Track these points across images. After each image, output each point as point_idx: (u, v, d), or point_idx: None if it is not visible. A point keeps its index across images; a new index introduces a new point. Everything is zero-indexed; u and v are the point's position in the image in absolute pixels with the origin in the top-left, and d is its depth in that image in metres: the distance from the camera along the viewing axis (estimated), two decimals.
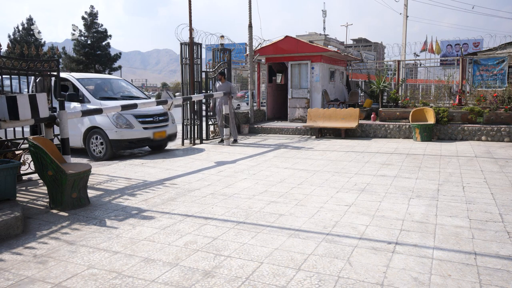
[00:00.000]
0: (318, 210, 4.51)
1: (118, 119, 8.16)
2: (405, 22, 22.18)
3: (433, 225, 3.98)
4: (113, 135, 8.10)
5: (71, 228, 4.05)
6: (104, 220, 4.28)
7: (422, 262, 3.15)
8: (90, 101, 8.21)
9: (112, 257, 3.33)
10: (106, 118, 8.12)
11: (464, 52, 22.34)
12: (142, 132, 8.39)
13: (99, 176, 6.41)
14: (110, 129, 8.11)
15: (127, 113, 8.19)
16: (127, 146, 8.30)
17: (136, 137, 8.31)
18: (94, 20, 37.05)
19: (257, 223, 4.11)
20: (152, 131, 8.55)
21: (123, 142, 8.18)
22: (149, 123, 8.55)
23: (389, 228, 3.92)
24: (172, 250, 3.45)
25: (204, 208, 4.67)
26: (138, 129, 8.34)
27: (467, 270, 3.01)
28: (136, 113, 8.30)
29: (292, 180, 5.95)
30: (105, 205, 4.82)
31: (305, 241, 3.60)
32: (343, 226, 3.99)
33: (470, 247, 3.43)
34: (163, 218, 4.31)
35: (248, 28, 13.17)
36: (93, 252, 3.44)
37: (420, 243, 3.54)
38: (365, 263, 3.14)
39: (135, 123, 8.31)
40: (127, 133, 8.19)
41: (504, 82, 11.87)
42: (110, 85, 9.68)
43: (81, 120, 8.29)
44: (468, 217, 4.20)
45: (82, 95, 8.35)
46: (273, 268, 3.07)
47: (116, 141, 8.12)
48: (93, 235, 3.84)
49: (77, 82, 8.64)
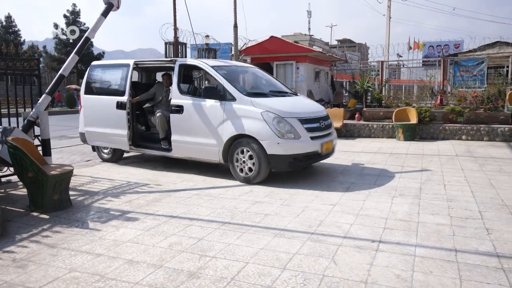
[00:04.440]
0: (303, 210, 4.53)
1: (280, 124, 5.60)
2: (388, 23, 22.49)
3: (415, 223, 4.04)
4: (274, 149, 5.54)
5: (52, 230, 3.97)
6: (86, 222, 4.21)
7: (404, 259, 3.19)
8: (235, 98, 5.84)
9: (94, 259, 3.28)
10: (261, 123, 5.61)
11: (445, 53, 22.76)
12: (310, 143, 5.76)
13: (82, 178, 6.31)
14: (269, 139, 5.54)
15: (290, 117, 5.72)
16: (291, 164, 5.67)
17: (303, 152, 5.68)
18: (76, 19, 36.48)
19: (242, 223, 4.10)
20: (320, 142, 5.87)
21: (286, 159, 5.59)
22: (316, 131, 5.94)
23: (373, 226, 3.97)
24: (157, 252, 3.42)
25: (189, 208, 4.64)
26: (305, 139, 5.70)
27: (448, 266, 3.06)
28: (301, 116, 5.86)
29: (276, 180, 5.96)
30: (87, 207, 4.75)
31: (290, 241, 3.61)
32: (328, 225, 4.02)
33: (451, 244, 3.49)
34: (148, 220, 4.27)
35: (233, 28, 13.16)
36: (75, 255, 3.38)
37: (403, 241, 3.59)
38: (350, 261, 3.17)
39: (302, 130, 5.69)
40: (292, 145, 5.60)
41: (484, 82, 12.15)
42: (249, 75, 7.39)
43: (221, 126, 5.93)
44: (449, 215, 4.28)
45: (222, 89, 5.98)
46: (258, 268, 3.07)
47: (277, 158, 5.58)
48: (75, 237, 3.78)
49: (213, 71, 6.22)
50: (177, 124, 6.33)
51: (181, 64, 6.59)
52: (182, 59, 6.77)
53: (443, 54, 17.28)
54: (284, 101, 6.25)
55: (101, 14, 6.10)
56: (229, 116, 5.81)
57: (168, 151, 6.60)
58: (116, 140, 7.08)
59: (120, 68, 7.19)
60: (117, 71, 7.22)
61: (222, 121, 5.87)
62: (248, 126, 5.69)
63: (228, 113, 5.81)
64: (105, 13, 6.10)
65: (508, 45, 18.21)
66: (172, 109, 6.37)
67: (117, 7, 6.28)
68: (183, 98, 6.31)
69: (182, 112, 6.23)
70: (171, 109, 6.39)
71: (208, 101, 6.04)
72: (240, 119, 5.74)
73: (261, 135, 5.59)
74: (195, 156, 6.33)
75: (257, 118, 5.63)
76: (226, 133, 5.85)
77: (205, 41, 11.68)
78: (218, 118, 5.90)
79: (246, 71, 7.30)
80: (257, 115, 5.64)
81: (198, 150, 6.19)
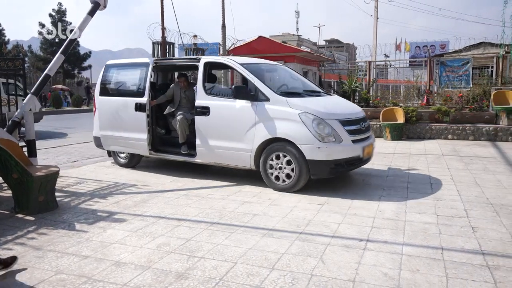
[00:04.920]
0: (292, 210, 4.54)
1: (320, 127, 5.12)
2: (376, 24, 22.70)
3: (402, 222, 4.09)
4: (314, 154, 5.06)
5: (37, 232, 3.91)
6: (73, 223, 4.16)
7: (392, 258, 3.23)
8: (269, 99, 5.36)
9: (81, 261, 3.24)
10: (299, 126, 5.14)
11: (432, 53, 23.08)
12: (352, 147, 5.28)
13: (68, 179, 6.23)
14: (308, 143, 5.07)
15: (331, 119, 5.23)
16: (332, 171, 5.21)
17: (345, 157, 5.22)
18: (62, 18, 35.97)
19: (231, 224, 4.10)
20: (361, 146, 5.41)
21: (328, 165, 5.11)
22: (357, 133, 5.45)
23: (361, 225, 4.00)
24: (145, 253, 3.39)
25: (177, 209, 4.62)
26: (346, 143, 5.23)
27: (434, 264, 3.10)
28: (341, 117, 5.37)
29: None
30: (74, 208, 4.69)
31: (279, 240, 3.62)
32: (316, 224, 4.04)
33: (437, 242, 3.54)
34: (135, 221, 4.23)
35: (222, 28, 13.14)
36: (62, 257, 3.33)
37: (390, 239, 3.62)
38: (338, 260, 3.19)
39: (343, 133, 5.23)
40: (334, 150, 5.11)
41: (469, 82, 12.34)
42: (279, 73, 6.80)
43: (253, 129, 5.41)
44: (436, 214, 4.34)
45: (254, 88, 5.49)
46: (247, 268, 3.07)
47: (317, 163, 5.08)
48: (62, 239, 3.73)
49: (243, 69, 5.73)
50: (203, 127, 5.86)
51: (206, 62, 6.10)
52: (208, 57, 6.33)
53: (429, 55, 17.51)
54: (321, 101, 5.78)
55: (88, 13, 6.03)
56: (262, 118, 5.33)
57: (192, 157, 6.15)
58: (135, 145, 6.62)
59: (138, 67, 6.74)
60: (135, 70, 6.79)
61: (254, 124, 5.39)
62: (284, 129, 5.21)
63: (261, 115, 5.34)
64: (91, 12, 6.03)
65: (492, 46, 18.53)
66: (197, 111, 5.89)
67: (104, 6, 6.20)
68: (209, 99, 5.83)
69: (208, 114, 5.77)
70: (196, 111, 5.92)
71: (238, 102, 5.54)
72: (274, 122, 5.27)
73: (299, 138, 5.12)
74: (222, 161, 5.87)
75: (294, 120, 5.16)
76: (259, 137, 5.36)
77: (193, 40, 11.63)
78: (249, 120, 5.43)
79: (275, 69, 6.76)
80: (294, 116, 5.16)
81: (227, 155, 5.72)
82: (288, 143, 5.22)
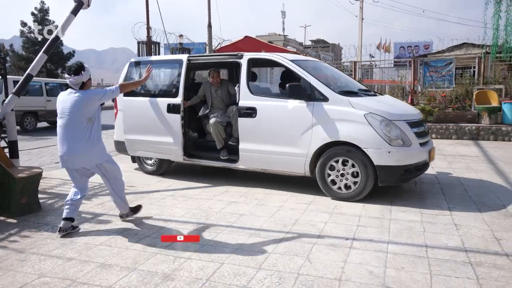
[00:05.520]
0: (279, 209, 4.55)
1: (388, 129, 4.67)
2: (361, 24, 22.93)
3: (387, 220, 4.14)
4: (383, 159, 4.62)
5: (20, 235, 3.84)
6: (57, 225, 4.07)
7: (377, 256, 3.26)
8: (327, 98, 4.89)
9: (65, 264, 3.19)
10: (365, 128, 4.67)
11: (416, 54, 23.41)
12: (421, 151, 4.86)
13: (52, 180, 6.12)
14: (377, 147, 4.63)
15: (399, 120, 4.78)
16: (401, 178, 4.80)
17: (415, 162, 4.80)
18: (45, 17, 35.32)
19: (217, 224, 4.08)
20: (427, 150, 5.00)
21: (398, 171, 4.67)
22: (422, 136, 5.03)
23: (347, 224, 4.03)
24: (130, 254, 3.36)
25: (164, 210, 4.59)
26: (416, 147, 4.79)
27: (419, 262, 3.15)
28: (408, 119, 4.95)
29: (251, 180, 5.97)
30: (58, 210, 4.61)
31: (265, 240, 3.62)
32: (302, 224, 4.06)
33: (421, 240, 3.59)
34: (120, 222, 4.18)
35: (208, 28, 13.09)
36: (45, 259, 3.28)
37: (376, 238, 3.66)
38: (324, 259, 3.21)
39: (412, 136, 4.78)
40: (404, 154, 4.68)
41: (452, 83, 12.55)
42: (327, 71, 6.19)
43: (309, 131, 4.94)
44: (420, 212, 4.40)
45: (309, 87, 5.01)
46: (233, 268, 3.06)
47: (386, 169, 4.63)
48: (45, 241, 3.66)
49: (295, 66, 5.25)
50: (248, 130, 5.37)
51: (250, 58, 5.57)
52: (252, 53, 5.81)
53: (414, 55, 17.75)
54: (380, 101, 5.29)
55: (71, 12, 5.93)
56: (320, 119, 4.86)
57: (233, 162, 5.63)
58: (166, 150, 6.04)
59: (170, 65, 6.24)
60: (166, 68, 6.30)
61: (311, 126, 4.91)
62: (347, 131, 4.74)
63: (319, 116, 4.87)
64: (75, 11, 5.93)
65: (474, 47, 18.88)
66: (241, 113, 5.40)
67: (88, 5, 6.11)
68: (255, 99, 5.34)
69: (254, 116, 5.28)
70: (239, 113, 5.41)
71: (290, 102, 5.06)
72: (335, 123, 4.79)
73: (366, 142, 4.65)
74: (271, 168, 5.37)
75: (360, 121, 4.69)
76: (317, 141, 4.88)
77: (178, 40, 11.56)
78: (304, 122, 4.95)
79: (320, 66, 6.16)
80: (359, 118, 4.69)
81: (277, 160, 5.24)
82: (352, 147, 4.74)
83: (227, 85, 6.33)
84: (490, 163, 7.14)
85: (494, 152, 8.28)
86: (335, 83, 5.75)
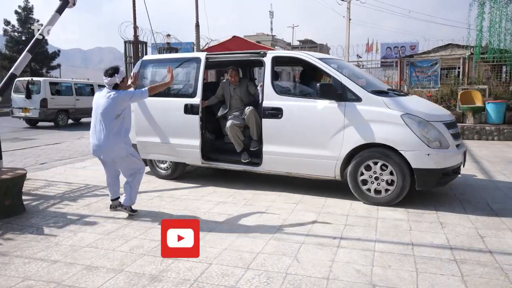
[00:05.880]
0: (267, 209, 4.56)
1: (426, 130, 4.50)
2: (348, 25, 23.09)
3: (375, 219, 4.17)
4: (422, 162, 4.43)
5: (3, 238, 3.76)
6: (41, 228, 4.03)
7: (364, 255, 3.29)
8: (360, 98, 4.68)
9: (50, 266, 3.14)
10: (403, 129, 4.48)
11: (402, 54, 23.68)
12: (457, 153, 4.72)
13: (36, 181, 6.02)
14: (415, 149, 4.44)
15: (436, 121, 4.62)
16: (439, 182, 4.62)
17: (453, 164, 4.65)
18: (29, 15, 34.72)
19: (205, 224, 4.06)
20: (462, 151, 4.89)
21: (437, 174, 4.50)
22: (457, 138, 4.89)
23: (335, 223, 4.06)
24: (117, 256, 3.32)
25: (151, 210, 4.55)
26: (453, 149, 4.64)
27: (405, 260, 3.19)
28: (445, 119, 4.78)
29: (240, 180, 5.96)
30: (42, 212, 4.54)
31: (254, 240, 3.62)
32: (290, 223, 4.07)
33: (408, 239, 3.63)
34: (107, 223, 4.14)
35: (195, 27, 13.05)
36: (29, 262, 3.22)
37: (363, 236, 3.69)
38: (312, 258, 3.22)
39: (449, 138, 4.62)
40: (443, 156, 4.51)
41: (437, 83, 12.74)
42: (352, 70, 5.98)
43: (340, 133, 4.74)
44: (407, 211, 4.45)
45: (340, 87, 4.78)
46: (222, 269, 3.06)
47: (424, 173, 4.46)
48: (29, 244, 3.60)
49: (324, 64, 5.05)
50: (273, 131, 5.15)
51: (275, 56, 5.35)
52: (276, 51, 5.46)
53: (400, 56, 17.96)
54: (414, 101, 5.13)
55: (56, 11, 5.85)
56: (353, 120, 4.67)
57: (256, 165, 5.37)
58: (183, 152, 5.74)
59: (186, 63, 5.93)
60: (182, 67, 5.97)
61: (342, 127, 4.71)
62: (382, 132, 4.54)
63: (351, 117, 4.67)
64: (60, 10, 5.85)
65: (459, 47, 19.18)
66: (265, 114, 5.17)
67: (73, 4, 6.03)
68: (281, 99, 5.11)
69: (280, 117, 5.06)
70: (263, 113, 5.19)
71: (320, 103, 4.85)
72: (369, 125, 4.59)
73: (403, 144, 4.46)
74: (297, 171, 5.15)
75: (396, 122, 4.50)
76: (349, 143, 4.68)
77: (166, 40, 11.49)
78: (335, 123, 4.75)
79: (347, 65, 5.98)
80: (395, 119, 4.51)
81: (304, 163, 5.02)
82: (387, 149, 4.56)
83: (247, 84, 6.03)
84: (474, 162, 7.26)
85: (478, 151, 8.43)
86: (366, 83, 5.45)
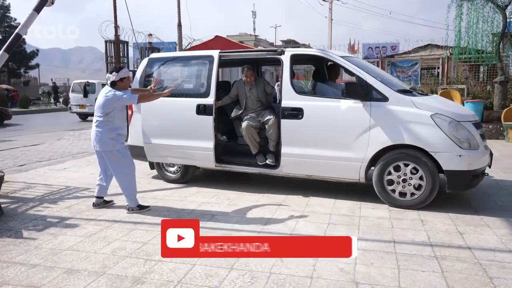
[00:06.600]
0: (251, 209, 4.56)
1: (456, 129, 4.35)
2: (330, 25, 23.30)
3: (357, 218, 4.22)
4: (453, 163, 4.29)
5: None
6: (20, 231, 3.93)
7: None
8: (387, 98, 4.49)
9: (29, 270, 3.07)
10: (433, 130, 4.32)
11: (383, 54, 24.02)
12: (485, 155, 4.60)
13: (15, 184, 5.88)
14: (447, 151, 4.29)
15: (466, 121, 4.49)
16: (469, 184, 4.46)
17: (482, 166, 4.54)
18: (6, 14, 33.90)
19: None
20: (489, 152, 4.75)
21: (467, 176, 4.37)
22: (484, 138, 4.73)
23: (318, 222, 4.09)
24: (99, 259, 3.27)
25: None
26: (482, 149, 4.52)
27: (387, 257, 3.23)
28: (473, 120, 4.68)
29: (223, 180, 5.95)
30: (21, 215, 4.43)
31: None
32: (274, 222, 4.08)
33: (390, 236, 3.69)
34: (89, 225, 4.07)
35: (178, 27, 12.96)
36: (7, 267, 3.14)
37: (346, 235, 3.73)
38: (295, 258, 3.23)
39: (478, 138, 4.50)
40: (474, 158, 4.38)
41: (418, 82, 13.01)
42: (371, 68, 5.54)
43: (366, 134, 4.55)
44: (388, 209, 4.52)
45: (366, 86, 4.59)
46: (205, 269, 3.04)
47: (456, 175, 4.32)
48: (7, 248, 3.51)
49: (347, 63, 4.85)
50: (293, 132, 4.95)
51: (293, 54, 5.10)
52: (295, 49, 5.33)
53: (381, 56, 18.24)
54: (438, 101, 4.99)
55: (34, 10, 5.71)
56: (379, 121, 4.48)
57: (273, 168, 5.18)
58: (195, 155, 5.48)
59: (198, 62, 5.70)
60: (194, 65, 5.77)
61: (368, 128, 4.53)
62: (411, 133, 4.37)
63: (378, 117, 4.49)
64: (38, 9, 5.71)
65: (438, 48, 19.59)
66: (284, 114, 4.96)
67: (52, 3, 5.89)
68: (301, 99, 4.91)
69: (301, 117, 4.84)
70: (282, 114, 4.97)
71: (343, 102, 4.66)
72: (396, 125, 4.42)
73: (434, 145, 4.30)
74: (318, 173, 4.97)
75: (426, 123, 4.33)
76: (375, 144, 4.50)
77: (148, 39, 11.38)
78: (360, 123, 4.57)
79: (366, 64, 5.78)
80: (425, 119, 4.34)
81: (326, 166, 4.84)
82: (416, 150, 4.40)
83: (263, 84, 5.74)
84: None
85: None
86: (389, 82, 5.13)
